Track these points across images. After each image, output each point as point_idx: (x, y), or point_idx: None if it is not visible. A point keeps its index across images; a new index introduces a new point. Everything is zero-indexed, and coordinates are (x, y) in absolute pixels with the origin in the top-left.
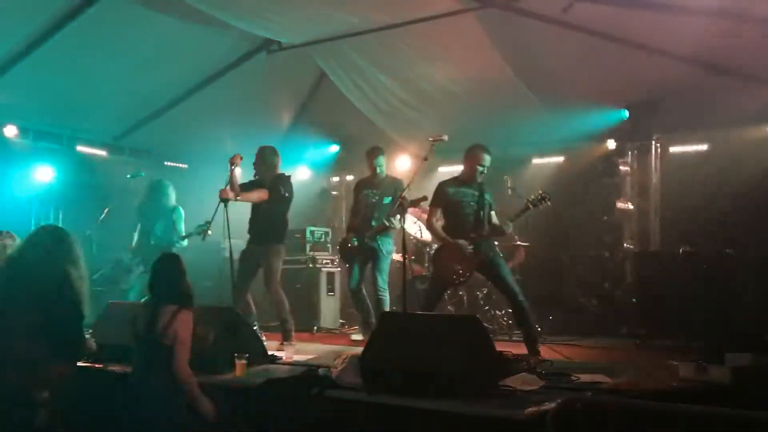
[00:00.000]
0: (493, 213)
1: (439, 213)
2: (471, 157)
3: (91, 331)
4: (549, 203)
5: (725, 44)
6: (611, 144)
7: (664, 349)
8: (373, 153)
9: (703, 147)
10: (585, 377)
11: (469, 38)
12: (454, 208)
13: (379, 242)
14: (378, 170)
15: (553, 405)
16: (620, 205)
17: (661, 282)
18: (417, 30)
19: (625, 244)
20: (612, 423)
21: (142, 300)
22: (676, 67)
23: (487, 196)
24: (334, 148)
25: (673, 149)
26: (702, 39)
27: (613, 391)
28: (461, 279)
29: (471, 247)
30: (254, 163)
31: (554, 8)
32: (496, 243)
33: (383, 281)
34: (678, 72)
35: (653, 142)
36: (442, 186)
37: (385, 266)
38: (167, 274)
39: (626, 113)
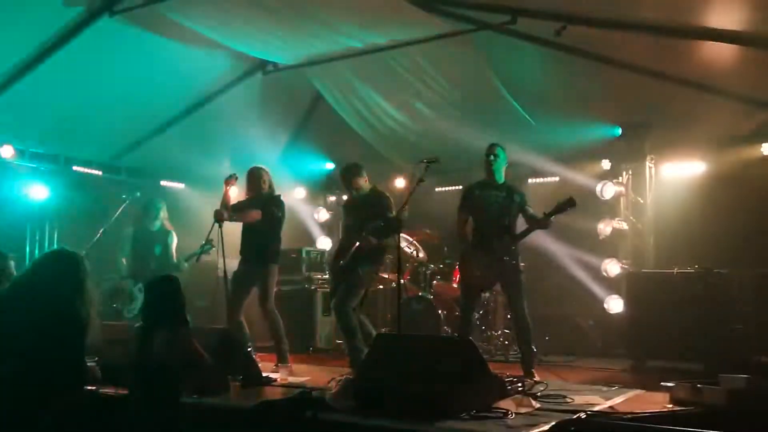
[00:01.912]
0: (528, 208)
1: (467, 218)
2: (485, 156)
3: (96, 359)
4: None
5: (719, 65)
6: (606, 164)
7: (659, 370)
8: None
9: (698, 167)
10: (579, 399)
11: (465, 59)
12: (481, 213)
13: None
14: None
15: (546, 428)
16: (615, 225)
17: (655, 302)
18: (412, 51)
19: (620, 264)
20: None
21: (137, 324)
22: (669, 88)
23: (515, 197)
24: (329, 166)
25: (667, 169)
26: (695, 60)
27: (607, 413)
28: (486, 284)
29: (487, 255)
30: (246, 185)
31: (548, 30)
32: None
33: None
34: (671, 92)
35: (647, 162)
36: (469, 189)
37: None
38: (164, 297)
39: (619, 130)
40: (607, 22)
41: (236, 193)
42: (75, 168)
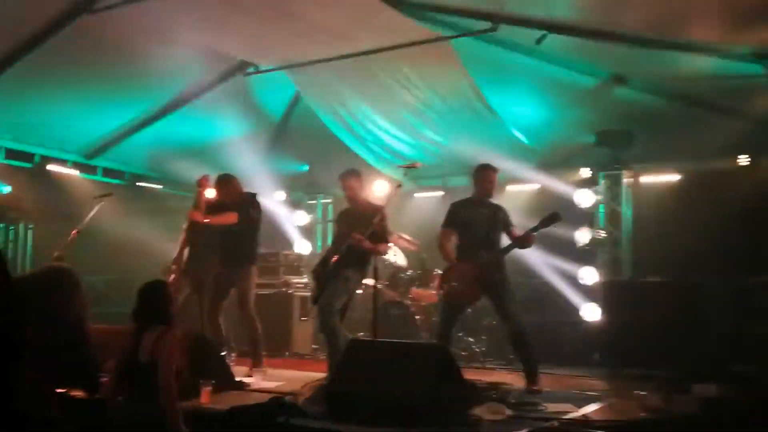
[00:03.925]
0: (512, 226)
1: (452, 234)
2: (480, 176)
3: None
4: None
5: (696, 77)
6: (585, 172)
7: (633, 378)
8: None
9: (675, 177)
10: (553, 407)
11: (446, 66)
12: (467, 229)
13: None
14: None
15: None
16: (592, 233)
17: (631, 311)
18: (394, 56)
19: (597, 272)
20: None
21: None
22: (648, 99)
23: (499, 214)
24: (309, 169)
25: (644, 179)
26: (673, 71)
27: (579, 421)
28: (469, 301)
29: (472, 270)
30: (216, 193)
31: (529, 39)
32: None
33: None
34: (650, 103)
35: (625, 171)
36: (455, 207)
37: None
38: (155, 300)
39: (596, 138)
40: (588, 32)
41: (212, 195)
42: (50, 167)
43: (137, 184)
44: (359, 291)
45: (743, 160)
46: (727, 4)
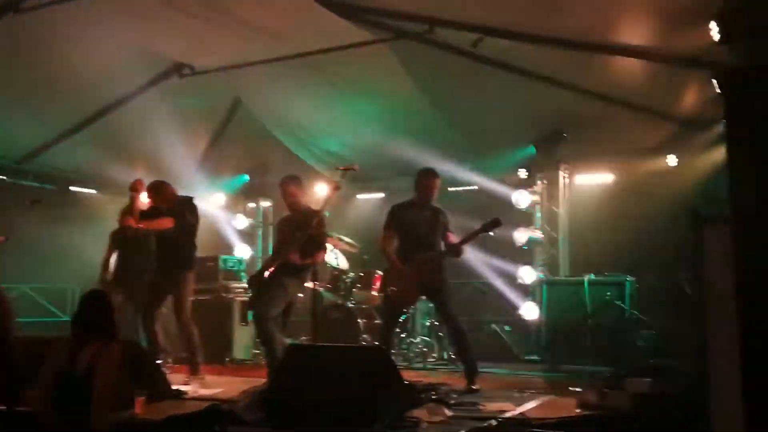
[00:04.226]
0: (449, 236)
1: (393, 236)
2: (422, 180)
3: None
4: (499, 226)
5: (627, 79)
6: (522, 173)
7: (570, 375)
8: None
9: (608, 177)
10: (492, 406)
11: (384, 68)
12: (407, 231)
13: None
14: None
15: None
16: (530, 233)
17: (568, 309)
18: (333, 58)
19: (535, 271)
20: None
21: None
22: (581, 101)
23: (441, 218)
24: (248, 172)
25: (580, 179)
26: (605, 74)
27: (517, 419)
28: (408, 302)
29: (412, 272)
30: (149, 199)
31: (466, 41)
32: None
33: None
34: (583, 105)
35: (560, 172)
36: (396, 209)
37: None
38: (95, 311)
39: (534, 149)
40: (523, 36)
41: (146, 199)
42: None
43: (70, 188)
44: (300, 295)
45: (672, 160)
46: (656, 10)
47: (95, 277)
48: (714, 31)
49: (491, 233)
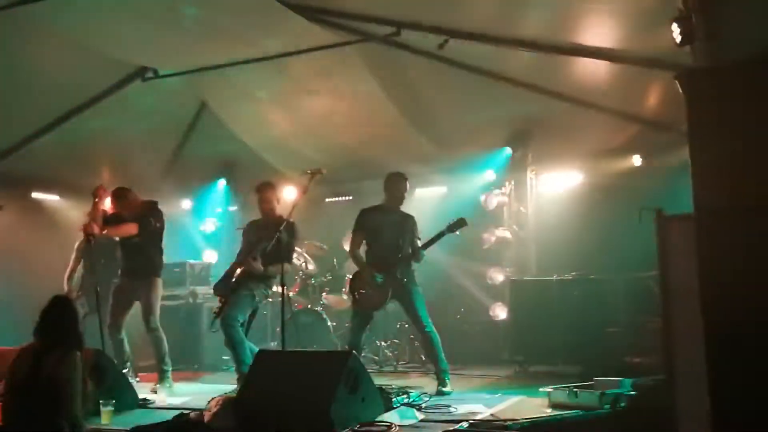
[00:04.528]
0: (417, 238)
1: (361, 240)
2: (392, 185)
3: None
4: (465, 226)
5: (593, 80)
6: (490, 174)
7: (541, 375)
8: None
9: (575, 177)
10: (463, 408)
11: (350, 70)
12: (376, 235)
13: None
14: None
15: None
16: (498, 233)
17: (537, 309)
18: (298, 61)
19: (504, 272)
20: None
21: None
22: (547, 102)
23: (409, 222)
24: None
25: (547, 180)
26: (571, 75)
27: (488, 421)
28: (377, 305)
29: (381, 275)
30: (112, 206)
31: (432, 43)
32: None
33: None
34: (549, 106)
35: (528, 173)
36: (365, 214)
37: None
38: (58, 318)
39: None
40: (489, 38)
41: (109, 205)
42: None
43: (32, 195)
44: (269, 300)
45: (637, 159)
46: (618, 12)
47: (57, 285)
48: (675, 32)
49: (457, 233)
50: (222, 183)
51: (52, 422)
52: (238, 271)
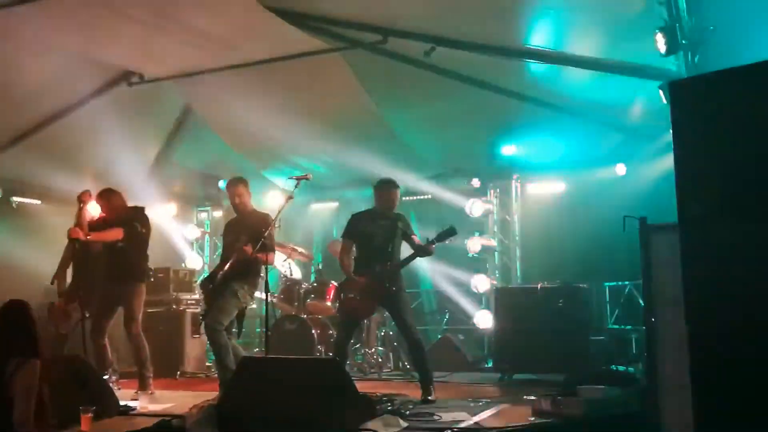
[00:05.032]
0: (413, 237)
1: (351, 246)
2: (381, 192)
3: None
4: (455, 235)
5: (577, 89)
6: (475, 183)
7: (525, 383)
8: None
9: (560, 186)
10: (447, 416)
11: (337, 77)
12: (366, 241)
13: None
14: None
15: None
16: (483, 241)
17: (521, 316)
18: (285, 67)
19: (489, 279)
20: None
21: None
22: (532, 110)
23: (400, 224)
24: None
25: (531, 188)
26: (555, 84)
27: (472, 429)
28: (365, 313)
29: (368, 284)
30: (99, 207)
31: (418, 51)
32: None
33: None
34: (534, 114)
35: (513, 182)
36: (355, 219)
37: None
38: (13, 325)
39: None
40: (474, 45)
41: (95, 210)
42: None
43: (12, 198)
44: (253, 305)
45: (621, 168)
46: (604, 22)
47: (39, 290)
48: (660, 42)
49: (446, 242)
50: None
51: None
52: (226, 268)
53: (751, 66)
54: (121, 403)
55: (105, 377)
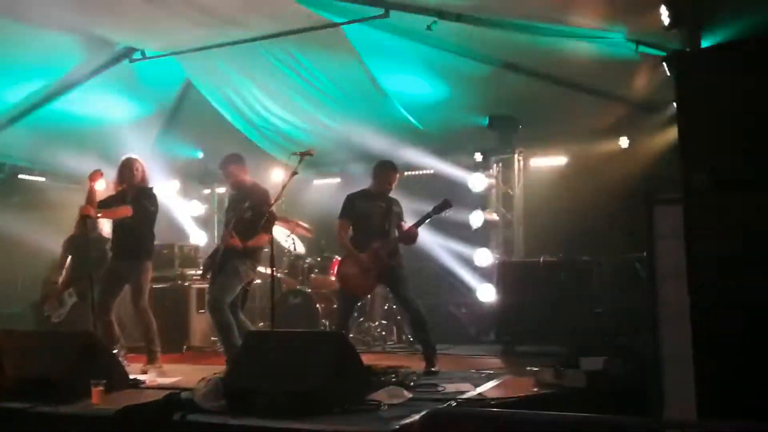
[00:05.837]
0: (402, 225)
1: (348, 225)
2: (379, 174)
3: None
4: (450, 208)
5: (580, 63)
6: (477, 157)
7: (527, 355)
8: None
9: (562, 160)
10: (451, 387)
11: (338, 52)
12: (363, 221)
13: None
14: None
15: (417, 417)
16: (486, 216)
17: (524, 290)
18: (286, 42)
19: (491, 253)
20: None
21: None
22: (534, 84)
23: (395, 208)
24: (203, 157)
25: (534, 162)
26: (558, 57)
27: (476, 400)
28: (366, 290)
29: (368, 262)
30: (118, 176)
31: (420, 25)
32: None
33: None
34: (536, 88)
35: (516, 155)
36: (351, 199)
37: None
38: None
39: (487, 120)
40: (477, 19)
41: (103, 188)
42: None
43: (18, 176)
44: (258, 281)
45: (624, 141)
46: None
47: (43, 267)
48: (664, 15)
49: (443, 214)
50: (208, 165)
51: None
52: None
53: (758, 39)
54: (130, 376)
55: (114, 351)
